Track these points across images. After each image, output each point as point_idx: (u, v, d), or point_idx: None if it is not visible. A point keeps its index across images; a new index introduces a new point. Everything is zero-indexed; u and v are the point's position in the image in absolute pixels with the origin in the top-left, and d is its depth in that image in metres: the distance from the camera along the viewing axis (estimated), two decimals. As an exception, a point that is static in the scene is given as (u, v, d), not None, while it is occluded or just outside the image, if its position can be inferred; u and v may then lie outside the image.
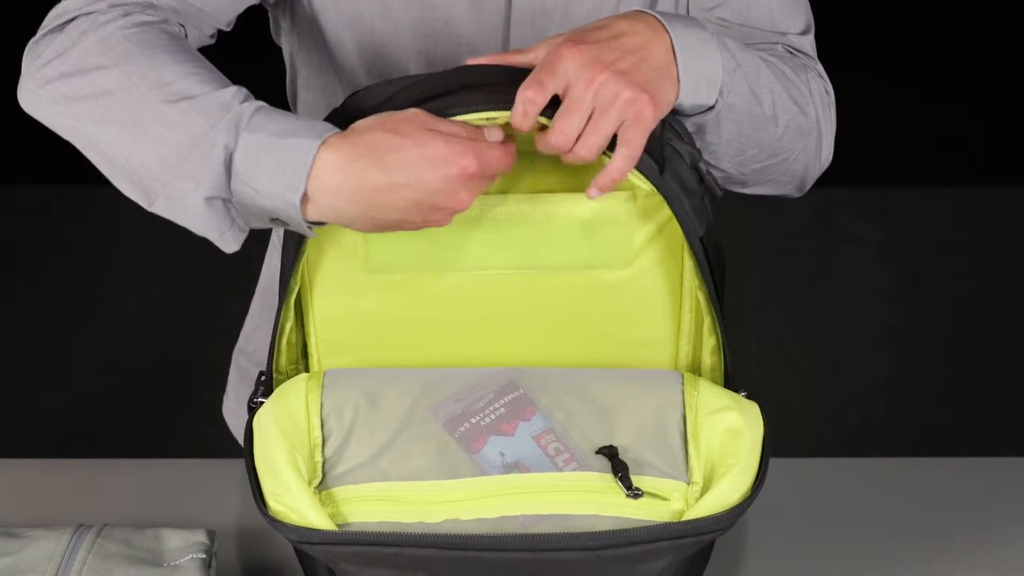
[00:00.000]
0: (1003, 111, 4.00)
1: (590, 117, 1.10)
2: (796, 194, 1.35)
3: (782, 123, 1.26)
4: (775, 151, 1.28)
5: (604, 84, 1.09)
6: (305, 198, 1.09)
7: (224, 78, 1.15)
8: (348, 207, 1.09)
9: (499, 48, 1.35)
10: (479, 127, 1.11)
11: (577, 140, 1.10)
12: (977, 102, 4.03)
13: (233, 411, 1.67)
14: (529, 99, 1.10)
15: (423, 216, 1.10)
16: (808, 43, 1.36)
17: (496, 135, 1.11)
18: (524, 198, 1.18)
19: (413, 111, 1.10)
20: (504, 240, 1.18)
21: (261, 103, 1.12)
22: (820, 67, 1.34)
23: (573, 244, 1.18)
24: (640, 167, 1.13)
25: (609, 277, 1.20)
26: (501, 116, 1.12)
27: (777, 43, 1.33)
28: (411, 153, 1.08)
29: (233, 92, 1.12)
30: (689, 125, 1.21)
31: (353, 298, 1.21)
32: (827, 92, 1.32)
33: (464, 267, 1.19)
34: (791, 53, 1.33)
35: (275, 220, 1.12)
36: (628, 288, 1.20)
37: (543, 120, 1.11)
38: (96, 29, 1.17)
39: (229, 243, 1.13)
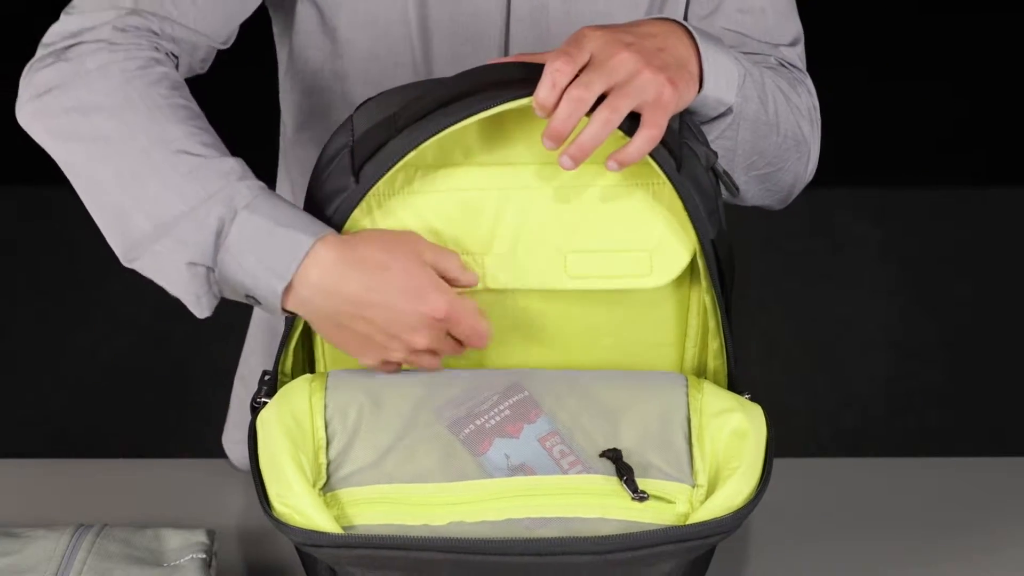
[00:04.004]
0: (1004, 111, 4.00)
1: (611, 90, 1.11)
2: (779, 206, 1.36)
3: (782, 132, 1.28)
4: (773, 160, 1.29)
5: (625, 60, 1.12)
6: (288, 288, 1.12)
7: (222, 145, 1.16)
8: (323, 305, 1.12)
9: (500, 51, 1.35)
10: (467, 271, 1.15)
11: (595, 108, 1.11)
12: (978, 102, 4.03)
13: (234, 438, 1.57)
14: (558, 68, 1.11)
15: (383, 341, 1.13)
16: (797, 54, 1.37)
17: (471, 306, 1.14)
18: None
19: (413, 235, 1.15)
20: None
21: (262, 184, 1.14)
22: (809, 81, 1.36)
23: (593, 264, 1.18)
24: (659, 161, 1.14)
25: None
26: (523, 103, 1.12)
27: (770, 55, 1.35)
28: (395, 279, 1.12)
29: (233, 164, 1.14)
30: (709, 132, 1.22)
31: None
32: (814, 108, 1.34)
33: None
34: (783, 66, 1.35)
35: (249, 297, 1.14)
36: (639, 295, 1.20)
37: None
38: (100, 66, 1.16)
39: (203, 308, 1.16)
